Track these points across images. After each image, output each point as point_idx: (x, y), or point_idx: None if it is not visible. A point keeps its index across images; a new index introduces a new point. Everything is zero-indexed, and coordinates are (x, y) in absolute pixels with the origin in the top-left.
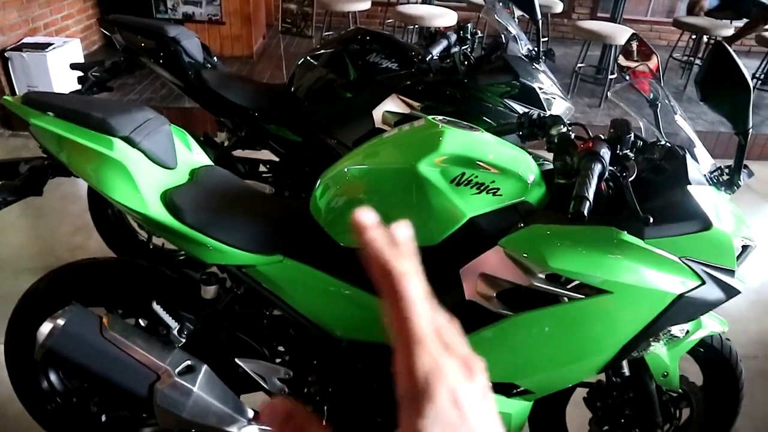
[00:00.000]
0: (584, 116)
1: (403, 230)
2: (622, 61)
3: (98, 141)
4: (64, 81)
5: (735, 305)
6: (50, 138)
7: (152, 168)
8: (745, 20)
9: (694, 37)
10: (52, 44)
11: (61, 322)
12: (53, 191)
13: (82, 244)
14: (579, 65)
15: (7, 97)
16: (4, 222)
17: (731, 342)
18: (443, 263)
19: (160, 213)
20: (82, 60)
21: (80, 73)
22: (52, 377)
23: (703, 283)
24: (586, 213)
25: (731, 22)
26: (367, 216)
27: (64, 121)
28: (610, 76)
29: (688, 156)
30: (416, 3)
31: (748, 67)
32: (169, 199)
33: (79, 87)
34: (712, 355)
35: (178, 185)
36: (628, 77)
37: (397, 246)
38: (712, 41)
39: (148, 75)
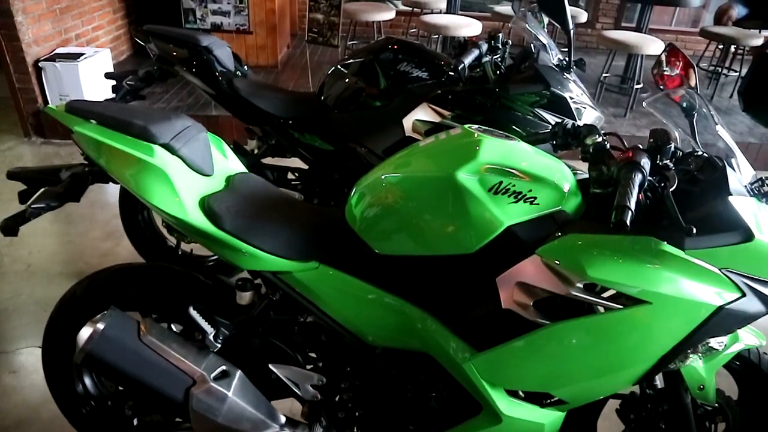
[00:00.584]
0: (610, 126)
1: None
2: (657, 71)
3: (139, 148)
4: (95, 89)
5: None
6: (92, 145)
7: (190, 174)
8: None
9: (721, 47)
10: (83, 54)
11: (101, 326)
12: (83, 198)
13: (111, 250)
14: (604, 75)
15: (51, 106)
16: (36, 228)
17: None
18: (480, 271)
19: (198, 219)
20: (111, 69)
21: (114, 82)
22: (88, 381)
23: (744, 295)
24: (628, 222)
25: (760, 32)
26: None
27: (107, 129)
28: (636, 86)
29: (728, 166)
30: (440, 13)
31: None
32: (207, 205)
33: (113, 95)
34: (748, 369)
35: (216, 192)
36: (663, 87)
37: None
38: (740, 51)
39: (175, 84)
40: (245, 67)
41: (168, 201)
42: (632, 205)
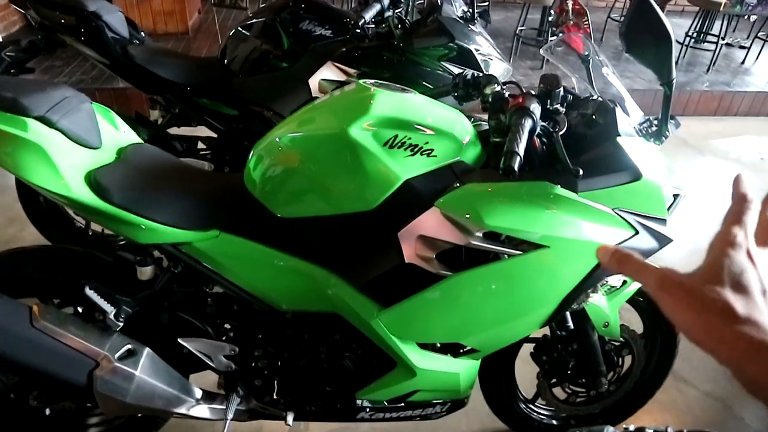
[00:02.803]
0: (527, 79)
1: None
2: (555, 18)
3: (10, 122)
4: None
5: (672, 255)
6: None
7: (73, 148)
8: None
9: None
10: None
11: None
12: None
13: (15, 236)
14: (520, 28)
15: None
16: None
17: None
18: (381, 227)
19: (84, 194)
20: None
21: None
22: None
23: (637, 233)
24: (516, 168)
25: None
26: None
27: None
28: (551, 38)
29: (618, 109)
30: None
31: (680, 26)
32: (93, 179)
33: None
34: (650, 303)
35: (104, 164)
36: (561, 34)
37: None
38: None
39: (76, 56)
40: (142, 33)
41: (48, 178)
42: (521, 150)
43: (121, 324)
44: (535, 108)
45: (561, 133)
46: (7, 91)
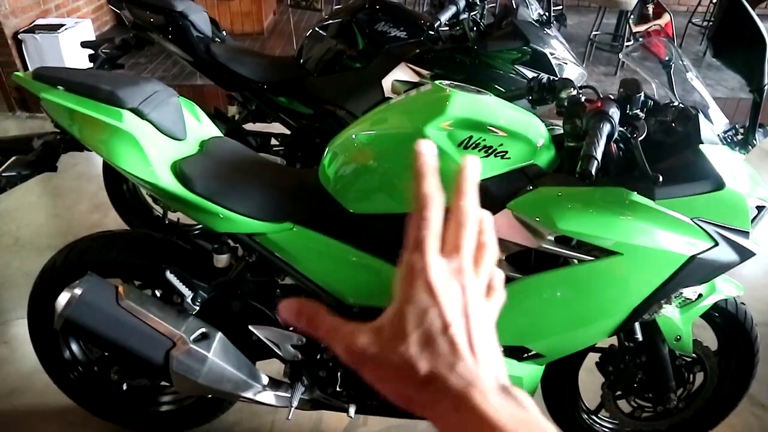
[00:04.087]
0: (600, 85)
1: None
2: (634, 22)
3: (107, 113)
4: (76, 61)
5: (751, 271)
6: (61, 112)
7: (162, 139)
8: None
9: (714, 1)
10: (63, 25)
11: (78, 291)
12: (69, 171)
13: (99, 222)
14: (594, 33)
15: (18, 73)
16: (23, 202)
17: (746, 306)
18: None
19: (170, 183)
20: (93, 39)
21: (91, 51)
22: (74, 347)
23: (716, 244)
24: (594, 172)
25: None
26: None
27: (74, 95)
28: (626, 44)
29: (701, 115)
30: None
31: None
32: (179, 169)
33: (90, 65)
34: (726, 319)
35: (188, 156)
36: (641, 38)
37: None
38: None
39: (159, 54)
40: (223, 32)
41: (138, 165)
42: (598, 154)
43: (197, 308)
44: (614, 113)
45: (640, 139)
46: (105, 84)
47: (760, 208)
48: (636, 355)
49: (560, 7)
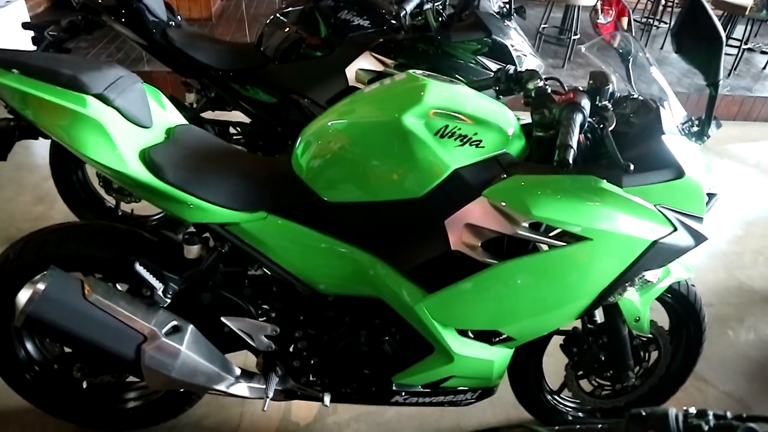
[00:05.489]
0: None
1: None
2: (594, 17)
3: (70, 98)
4: (10, 44)
5: (693, 257)
6: (17, 97)
7: (128, 126)
8: None
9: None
10: None
11: (41, 286)
12: (8, 161)
13: (44, 214)
14: (542, 26)
15: None
16: None
17: (696, 288)
18: (429, 215)
19: (140, 172)
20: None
21: (34, 34)
22: (30, 346)
23: (675, 229)
24: (571, 160)
25: None
26: None
27: (32, 79)
28: (573, 37)
29: (662, 108)
30: None
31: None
32: (148, 157)
33: (33, 48)
34: (679, 300)
35: (156, 144)
36: (600, 33)
37: None
38: (669, 3)
39: (102, 38)
40: (179, 17)
41: (106, 154)
42: (574, 143)
43: (168, 300)
44: (586, 103)
45: (610, 129)
46: (66, 68)
47: (710, 195)
48: (598, 336)
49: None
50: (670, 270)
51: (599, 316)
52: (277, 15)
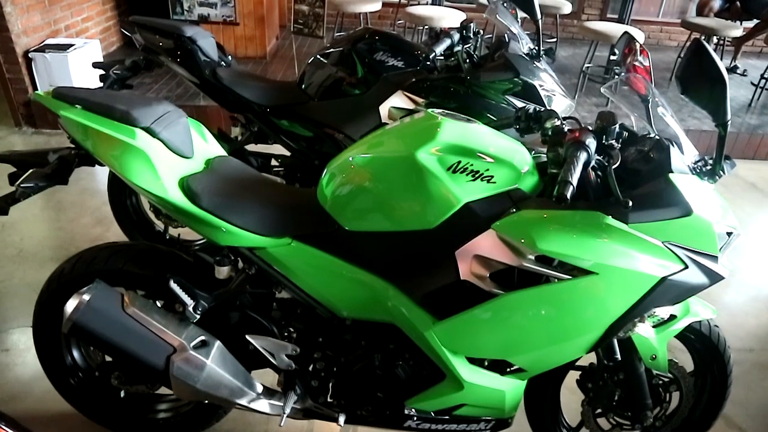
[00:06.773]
0: (591, 115)
1: None
2: (618, 58)
3: (122, 131)
4: (84, 80)
5: (735, 300)
6: (78, 128)
7: (171, 157)
8: (756, 21)
9: (703, 38)
10: (72, 45)
11: (86, 297)
12: (73, 186)
13: (101, 235)
14: (587, 65)
15: (39, 92)
16: (27, 215)
17: (719, 329)
18: (440, 245)
19: (178, 198)
20: (101, 59)
21: (102, 72)
22: (76, 353)
23: (686, 267)
24: (569, 196)
25: (741, 23)
26: None
27: (91, 113)
28: (613, 77)
29: (674, 147)
30: (426, 4)
31: (757, 67)
32: (186, 185)
33: (101, 85)
34: (701, 341)
35: (195, 173)
36: (622, 74)
37: None
38: (720, 42)
39: (164, 75)
40: (229, 57)
41: (149, 181)
42: (574, 180)
43: (198, 316)
44: (591, 142)
45: (614, 166)
46: (121, 104)
47: (729, 234)
48: (614, 372)
49: (554, 41)
50: (691, 309)
51: (617, 352)
52: (318, 56)
